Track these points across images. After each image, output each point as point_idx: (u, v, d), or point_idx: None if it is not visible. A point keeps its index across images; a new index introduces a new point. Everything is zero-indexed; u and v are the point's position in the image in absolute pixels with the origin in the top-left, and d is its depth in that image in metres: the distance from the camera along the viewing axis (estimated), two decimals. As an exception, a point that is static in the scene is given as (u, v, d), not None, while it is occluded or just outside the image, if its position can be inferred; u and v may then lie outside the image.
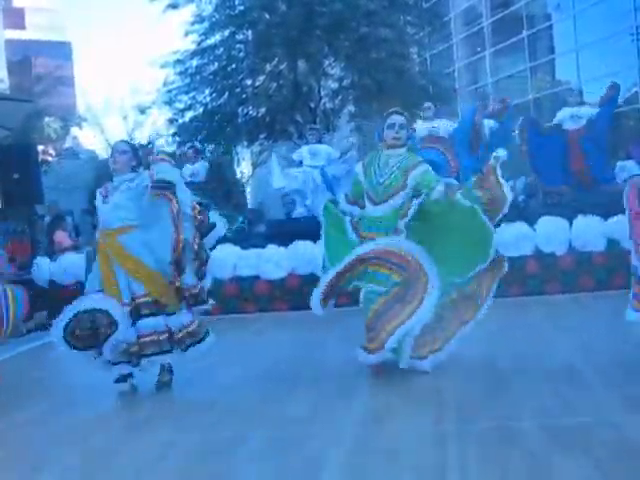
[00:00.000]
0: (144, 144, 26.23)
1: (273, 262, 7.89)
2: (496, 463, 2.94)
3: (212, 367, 5.08)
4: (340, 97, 21.98)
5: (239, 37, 21.50)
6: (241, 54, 21.53)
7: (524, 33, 35.15)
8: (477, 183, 4.65)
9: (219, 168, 17.64)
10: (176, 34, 22.36)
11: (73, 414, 4.39)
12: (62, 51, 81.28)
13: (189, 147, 11.07)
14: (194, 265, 4.68)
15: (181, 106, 21.97)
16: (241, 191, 11.15)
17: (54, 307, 8.07)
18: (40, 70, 42.89)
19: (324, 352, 5.31)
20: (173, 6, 20.74)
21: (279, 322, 7.35)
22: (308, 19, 19.26)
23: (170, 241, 4.55)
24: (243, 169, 36.85)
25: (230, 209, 10.39)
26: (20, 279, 8.83)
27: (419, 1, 22.31)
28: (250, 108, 22.39)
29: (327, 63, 21.48)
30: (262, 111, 22.07)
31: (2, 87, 30.15)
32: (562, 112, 9.35)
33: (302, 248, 7.82)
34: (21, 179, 9.44)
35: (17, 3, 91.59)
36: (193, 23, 21.01)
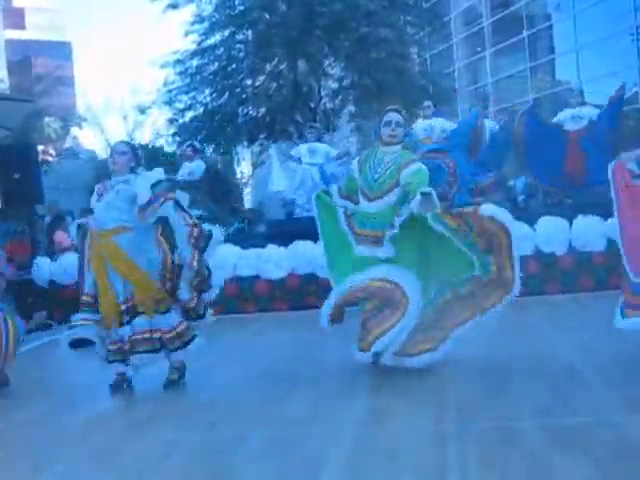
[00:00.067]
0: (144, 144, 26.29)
1: (273, 262, 7.89)
2: (496, 463, 2.94)
3: (212, 367, 5.09)
4: (340, 97, 21.99)
5: (239, 37, 21.51)
6: (241, 54, 21.54)
7: (524, 33, 35.17)
8: (448, 214, 4.53)
9: (216, 168, 17.77)
10: (176, 34, 22.37)
11: (73, 414, 4.39)
12: (62, 51, 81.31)
13: (187, 145, 11.21)
14: (194, 282, 4.68)
15: (181, 106, 21.99)
16: (238, 193, 11.24)
17: (54, 307, 8.16)
18: (40, 70, 42.92)
19: (324, 352, 5.31)
20: (173, 6, 20.75)
21: (279, 322, 7.35)
22: (308, 19, 19.26)
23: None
24: (243, 169, 36.90)
25: (227, 211, 10.50)
26: (20, 279, 8.84)
27: (419, 1, 22.31)
28: (250, 108, 22.40)
29: (327, 63, 21.49)
30: (262, 111, 22.08)
31: (2, 87, 30.16)
32: (563, 113, 9.33)
33: (302, 248, 7.82)
34: (21, 179, 9.44)
35: (17, 3, 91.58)
36: (193, 23, 21.02)
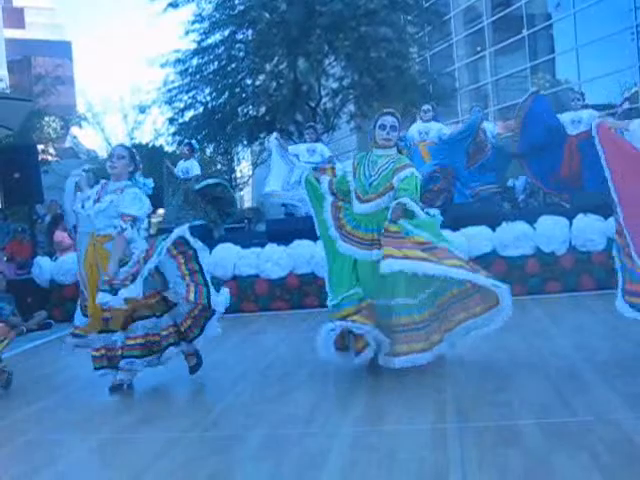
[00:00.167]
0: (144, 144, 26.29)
1: (273, 261, 7.89)
2: (496, 462, 2.94)
3: (212, 366, 5.09)
4: (340, 96, 21.99)
5: (239, 36, 21.53)
6: (241, 53, 21.55)
7: (524, 32, 35.14)
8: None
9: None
10: (176, 33, 22.37)
11: (73, 413, 4.40)
12: (62, 50, 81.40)
13: (185, 145, 11.56)
14: (194, 312, 4.85)
15: (181, 105, 22.00)
16: (229, 195, 11.63)
17: (54, 307, 8.16)
18: (40, 69, 42.81)
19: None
20: (173, 5, 20.76)
21: (279, 321, 7.35)
22: (308, 18, 19.27)
23: None
24: (243, 168, 36.89)
25: (217, 212, 10.79)
26: (20, 278, 8.85)
27: (419, 0, 22.30)
28: (250, 107, 22.42)
29: (327, 62, 21.49)
30: (262, 110, 22.10)
31: (2, 86, 30.11)
32: (563, 116, 9.30)
33: (302, 247, 7.82)
34: (21, 179, 9.43)
35: (17, 2, 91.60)
36: (193, 22, 21.03)
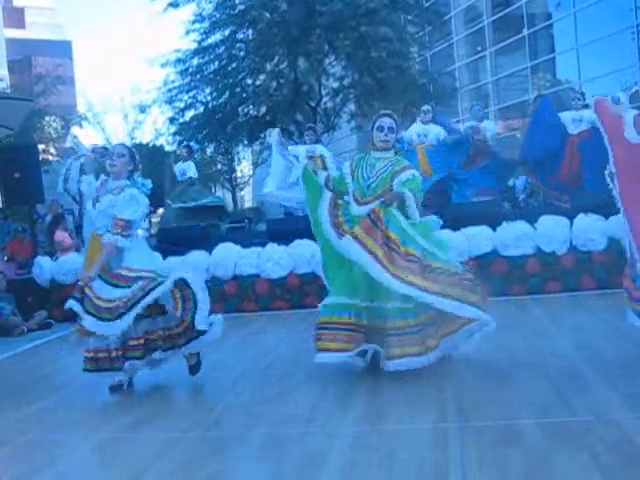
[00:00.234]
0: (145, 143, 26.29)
1: (273, 261, 7.89)
2: (496, 462, 2.94)
3: (212, 365, 5.09)
4: (341, 96, 22.00)
5: (240, 36, 21.53)
6: (241, 53, 21.56)
7: (525, 32, 35.14)
8: None
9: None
10: (177, 33, 22.38)
11: (73, 413, 4.40)
12: (62, 50, 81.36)
13: (183, 146, 11.93)
14: (178, 329, 4.72)
15: (181, 105, 22.01)
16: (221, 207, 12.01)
17: (54, 306, 8.16)
18: (40, 69, 42.81)
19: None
20: (174, 5, 20.77)
21: (279, 321, 7.35)
22: (309, 18, 19.27)
23: None
24: (243, 168, 36.88)
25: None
26: (21, 278, 8.86)
27: (419, 0, 22.29)
28: (250, 107, 22.43)
29: (328, 62, 21.49)
30: (262, 110, 22.11)
31: (2, 86, 30.12)
32: (563, 115, 9.30)
33: (302, 247, 7.81)
34: (22, 178, 9.43)
35: (17, 2, 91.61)
36: (194, 22, 21.05)
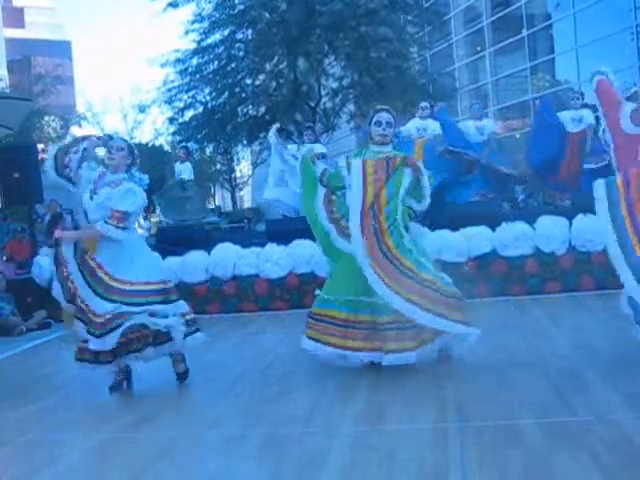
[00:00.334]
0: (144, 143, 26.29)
1: (273, 261, 7.89)
2: (496, 462, 2.94)
3: (212, 365, 5.09)
4: (340, 96, 22.01)
5: (239, 36, 21.54)
6: (241, 53, 21.56)
7: (524, 32, 35.17)
8: None
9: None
10: (176, 33, 22.38)
11: (73, 413, 4.40)
12: (62, 50, 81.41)
13: (181, 147, 12.27)
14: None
15: (181, 105, 22.02)
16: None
17: (54, 306, 8.15)
18: (40, 69, 42.86)
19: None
20: (173, 5, 20.77)
21: (278, 321, 7.35)
22: (308, 18, 19.28)
23: None
24: (242, 168, 36.89)
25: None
26: (20, 278, 8.85)
27: (419, 0, 22.31)
28: (250, 107, 22.44)
29: (327, 62, 21.50)
30: (262, 110, 22.12)
31: (2, 86, 30.14)
32: (563, 114, 9.31)
33: (302, 247, 7.81)
34: (21, 178, 9.43)
35: (17, 2, 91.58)
36: (193, 22, 21.06)
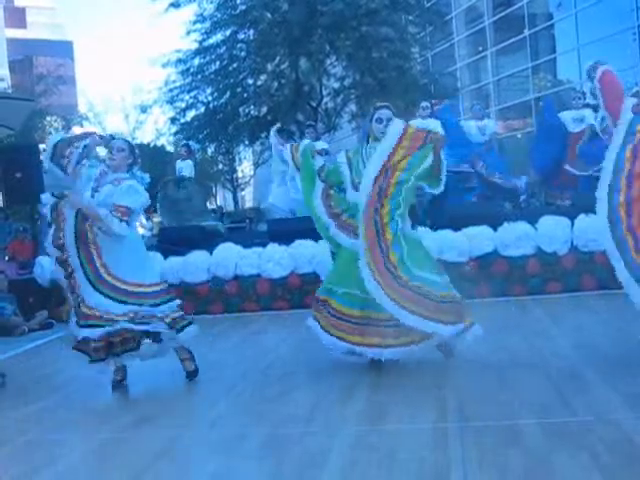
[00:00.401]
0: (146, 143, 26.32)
1: (274, 261, 7.89)
2: (496, 462, 2.94)
3: (213, 365, 5.09)
4: (342, 96, 22.02)
5: (241, 36, 21.54)
6: (243, 53, 21.57)
7: (526, 32, 35.16)
8: None
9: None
10: (178, 33, 22.40)
11: (73, 413, 4.40)
12: (63, 50, 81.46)
13: (182, 145, 12.15)
14: None
15: (183, 105, 22.03)
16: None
17: (55, 306, 8.16)
18: (41, 69, 42.92)
19: (324, 351, 5.29)
20: (175, 5, 20.78)
21: (280, 321, 7.35)
22: (310, 18, 19.28)
23: None
24: (244, 168, 36.91)
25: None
26: (21, 278, 8.86)
27: (421, 0, 22.31)
28: (252, 107, 22.45)
29: (329, 62, 21.50)
30: (264, 110, 22.13)
31: (4, 86, 30.18)
32: (564, 114, 9.30)
33: (303, 247, 7.82)
34: (23, 178, 9.45)
35: (18, 2, 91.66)
36: (195, 22, 21.06)
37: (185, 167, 11.00)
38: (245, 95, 21.99)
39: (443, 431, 3.39)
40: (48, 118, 30.06)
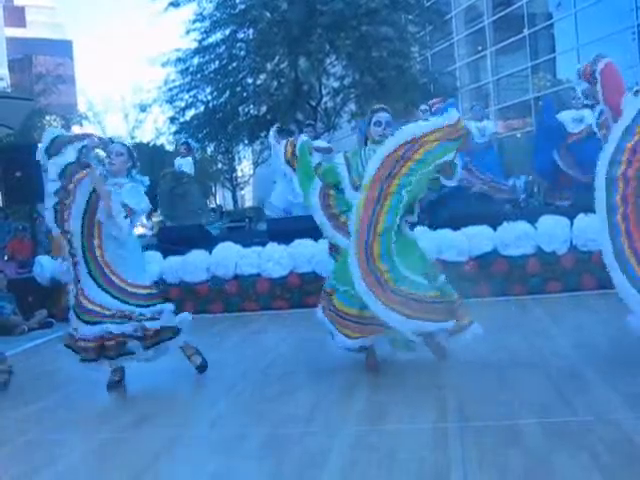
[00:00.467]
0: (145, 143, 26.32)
1: (274, 260, 7.88)
2: (496, 462, 2.94)
3: (212, 365, 5.09)
4: (341, 96, 22.03)
5: (240, 35, 21.55)
6: (242, 52, 21.58)
7: (525, 32, 35.17)
8: None
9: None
10: (177, 32, 22.39)
11: (73, 412, 4.40)
12: (63, 49, 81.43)
13: (182, 143, 12.30)
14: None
15: (182, 104, 22.04)
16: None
17: (55, 305, 8.16)
18: (41, 68, 42.88)
19: (324, 350, 5.30)
20: (174, 4, 20.79)
21: (280, 320, 7.35)
22: (309, 17, 19.29)
23: None
24: (244, 167, 36.90)
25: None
26: (21, 277, 8.86)
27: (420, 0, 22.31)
28: (251, 106, 22.46)
29: (328, 61, 21.51)
30: (263, 109, 22.13)
31: (3, 85, 30.16)
32: (563, 114, 9.28)
33: (303, 247, 7.81)
34: (22, 177, 9.44)
35: (18, 1, 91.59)
36: (194, 21, 21.08)
37: (185, 164, 11.03)
38: (244, 94, 22.00)
39: (443, 431, 3.39)
40: (47, 117, 30.05)
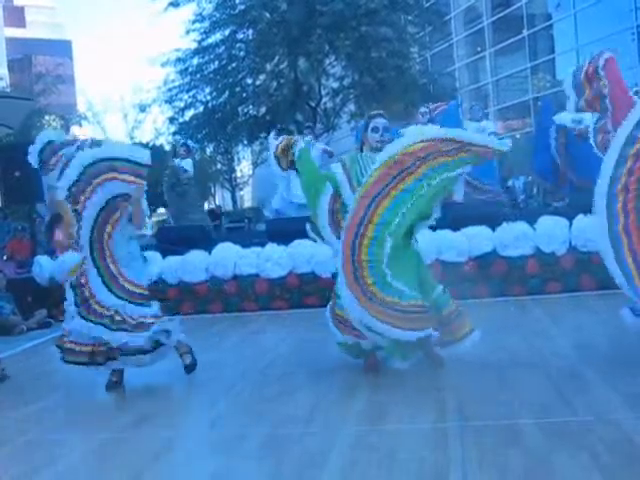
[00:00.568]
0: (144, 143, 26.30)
1: (273, 261, 7.88)
2: (496, 462, 2.94)
3: (212, 365, 5.09)
4: (341, 96, 22.04)
5: (240, 36, 21.57)
6: (242, 53, 21.59)
7: (524, 32, 35.21)
8: None
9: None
10: (177, 33, 22.40)
11: (73, 412, 4.40)
12: (62, 49, 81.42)
13: (182, 145, 12.30)
14: None
15: (182, 104, 22.05)
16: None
17: (54, 305, 8.15)
18: (40, 68, 42.87)
19: (324, 351, 5.30)
20: (174, 5, 20.80)
21: (279, 321, 7.35)
22: (309, 18, 19.30)
23: None
24: (243, 168, 36.90)
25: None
26: (20, 277, 8.85)
27: (420, 0, 22.32)
28: (250, 107, 22.46)
29: (328, 62, 21.52)
30: (262, 110, 22.13)
31: (3, 85, 30.16)
32: (563, 115, 9.28)
33: (302, 247, 7.81)
34: (22, 177, 9.43)
35: (17, 1, 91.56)
36: (194, 22, 21.09)
37: (185, 165, 11.08)
38: (244, 95, 22.00)
39: (443, 431, 3.39)
40: (47, 117, 30.04)
